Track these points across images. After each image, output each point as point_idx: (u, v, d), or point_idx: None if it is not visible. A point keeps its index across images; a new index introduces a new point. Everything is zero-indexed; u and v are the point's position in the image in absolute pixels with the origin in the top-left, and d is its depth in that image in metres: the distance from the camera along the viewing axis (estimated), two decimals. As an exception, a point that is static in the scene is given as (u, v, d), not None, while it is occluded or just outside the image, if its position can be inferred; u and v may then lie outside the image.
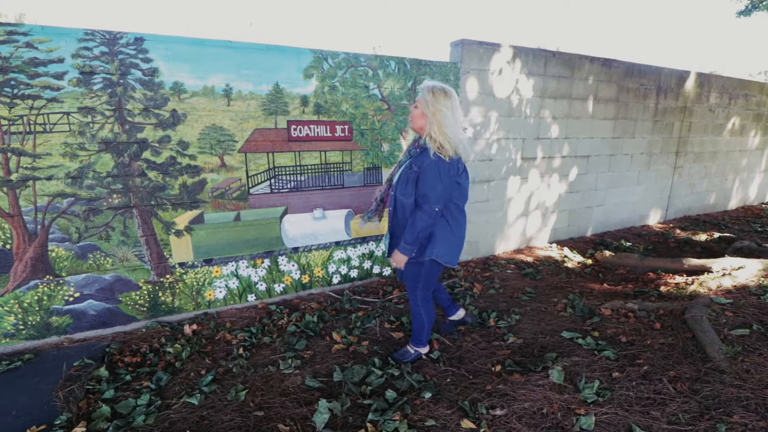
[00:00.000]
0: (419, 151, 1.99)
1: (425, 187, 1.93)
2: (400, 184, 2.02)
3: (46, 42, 2.25)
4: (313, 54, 2.92)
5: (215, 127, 2.71)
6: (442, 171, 1.91)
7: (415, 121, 2.00)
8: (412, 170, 1.96)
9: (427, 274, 2.16)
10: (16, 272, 2.39)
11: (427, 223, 1.97)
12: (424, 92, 1.94)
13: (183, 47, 2.54)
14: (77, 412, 1.93)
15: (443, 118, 1.89)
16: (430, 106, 1.91)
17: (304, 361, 2.37)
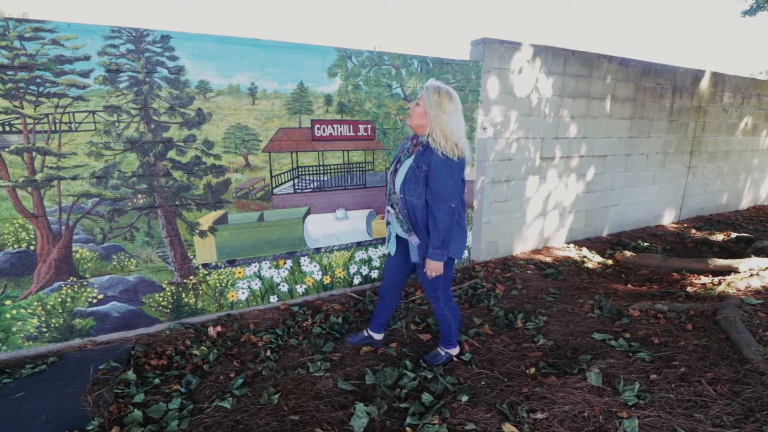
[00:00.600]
0: (422, 149, 1.93)
1: (437, 185, 1.88)
2: (408, 185, 1.94)
3: (72, 39, 2.21)
4: (337, 52, 2.88)
5: (240, 127, 2.67)
6: (453, 168, 1.88)
7: (414, 119, 1.93)
8: (421, 169, 1.90)
9: (446, 274, 2.11)
10: (40, 274, 2.35)
11: (449, 222, 1.92)
12: (429, 92, 1.88)
13: (209, 45, 2.50)
14: (108, 416, 1.89)
15: (449, 120, 1.85)
16: (435, 106, 1.85)
17: (333, 363, 2.33)
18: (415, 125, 1.95)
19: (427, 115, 1.88)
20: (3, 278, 2.28)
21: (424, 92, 1.90)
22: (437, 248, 1.94)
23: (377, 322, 2.48)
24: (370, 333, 2.51)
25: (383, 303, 2.43)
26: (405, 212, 2.00)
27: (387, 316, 2.47)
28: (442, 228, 1.91)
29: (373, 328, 2.50)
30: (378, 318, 2.47)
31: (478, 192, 3.74)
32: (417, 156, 1.94)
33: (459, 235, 2.07)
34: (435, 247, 1.94)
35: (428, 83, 1.92)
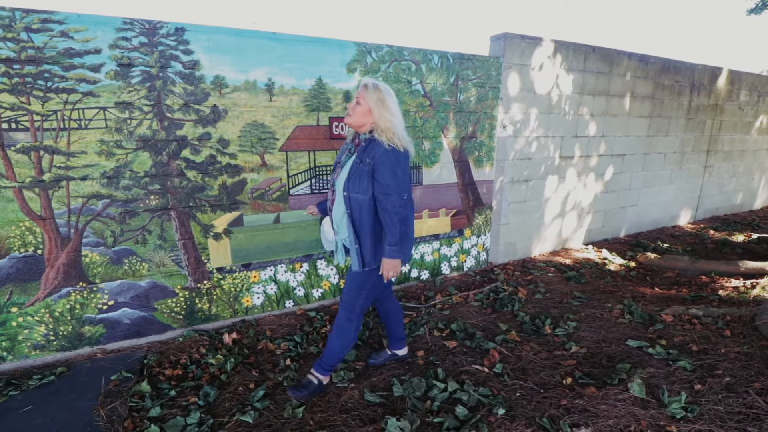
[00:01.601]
0: (364, 145, 1.83)
1: (385, 176, 1.75)
2: (352, 182, 1.80)
3: (82, 31, 2.09)
4: (356, 47, 2.76)
5: (256, 124, 2.55)
6: (399, 158, 1.79)
7: (357, 117, 1.82)
8: (365, 163, 1.78)
9: (376, 282, 1.92)
10: (48, 279, 2.23)
11: (402, 213, 1.80)
12: (370, 89, 1.79)
13: (225, 38, 2.38)
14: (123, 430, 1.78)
15: (392, 117, 1.79)
16: (378, 103, 1.77)
17: (357, 373, 2.21)
18: (358, 124, 1.84)
19: (370, 113, 1.79)
20: (9, 284, 2.16)
21: (363, 90, 1.81)
22: (394, 244, 1.79)
23: (394, 337, 2.29)
24: (393, 351, 2.32)
25: (385, 317, 2.24)
26: (348, 213, 1.84)
27: (400, 327, 2.28)
28: (397, 220, 1.78)
29: (394, 345, 2.31)
30: (393, 333, 2.28)
31: (497, 192, 3.63)
32: (359, 152, 1.83)
33: (409, 235, 1.92)
34: (391, 244, 1.79)
35: (366, 80, 1.84)
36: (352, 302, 1.95)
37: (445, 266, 3.49)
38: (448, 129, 3.24)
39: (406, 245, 1.88)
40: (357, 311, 1.96)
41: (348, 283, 1.97)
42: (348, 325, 1.96)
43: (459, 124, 3.29)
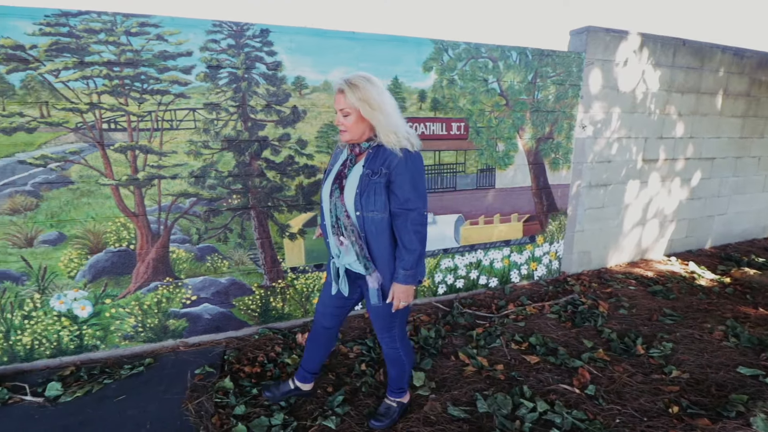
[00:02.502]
0: (372, 153, 1.52)
1: (405, 190, 1.47)
2: (366, 199, 1.48)
3: (175, 34, 2.16)
4: (433, 44, 2.67)
5: (333, 125, 2.54)
6: (417, 165, 1.50)
7: (354, 131, 1.49)
8: (380, 174, 1.47)
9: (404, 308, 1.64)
10: (138, 273, 2.33)
11: (425, 233, 1.53)
12: (347, 91, 1.44)
13: (307, 39, 2.38)
14: (211, 429, 1.80)
15: (387, 115, 1.46)
16: (365, 105, 1.44)
17: (437, 383, 2.12)
18: (358, 136, 1.51)
19: (363, 120, 1.48)
20: (104, 277, 2.27)
21: (340, 96, 1.47)
22: (409, 268, 1.50)
23: (307, 368, 1.94)
24: (297, 384, 1.96)
25: (317, 345, 1.91)
26: (363, 236, 1.53)
27: (321, 361, 1.95)
28: (417, 243, 1.49)
29: (301, 377, 1.96)
30: (308, 364, 1.93)
31: (573, 197, 3.40)
32: (368, 161, 1.51)
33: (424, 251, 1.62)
34: (406, 268, 1.50)
35: (336, 84, 1.49)
36: (390, 331, 1.71)
37: (514, 274, 3.32)
38: (523, 129, 3.07)
39: (421, 265, 1.59)
40: (398, 337, 1.73)
41: (375, 318, 1.70)
42: (396, 354, 1.76)
43: (535, 124, 3.10)
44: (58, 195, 2.12)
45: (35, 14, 1.95)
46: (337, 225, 1.56)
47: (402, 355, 1.77)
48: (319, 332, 1.89)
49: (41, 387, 2.07)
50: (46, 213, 2.12)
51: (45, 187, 2.10)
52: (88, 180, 2.15)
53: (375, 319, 1.71)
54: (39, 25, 1.95)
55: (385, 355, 1.79)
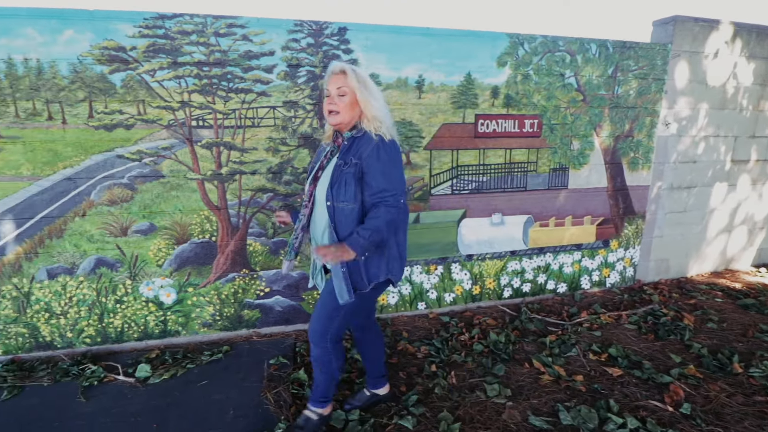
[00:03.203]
0: (347, 144, 1.52)
1: (378, 179, 1.46)
2: (336, 189, 1.48)
3: (260, 34, 2.23)
4: (509, 38, 2.58)
5: (404, 122, 2.52)
6: (390, 152, 1.48)
7: (346, 112, 1.50)
8: (350, 164, 1.47)
9: (358, 306, 1.58)
10: (218, 264, 2.44)
11: (394, 216, 1.47)
12: (349, 73, 1.48)
13: (382, 36, 2.38)
14: (290, 419, 1.84)
15: (377, 100, 1.51)
16: (363, 90, 1.48)
17: (513, 390, 2.04)
18: (348, 120, 1.52)
19: (356, 104, 1.50)
20: (188, 266, 2.40)
21: (341, 76, 1.49)
22: (364, 237, 1.42)
23: (374, 374, 1.90)
24: (372, 391, 1.92)
25: (366, 349, 1.86)
26: (332, 226, 1.51)
27: (381, 362, 1.88)
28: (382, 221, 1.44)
29: (373, 384, 1.91)
30: (373, 370, 1.89)
31: (652, 200, 3.17)
32: (342, 153, 1.52)
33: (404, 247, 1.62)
34: (361, 235, 1.42)
35: (338, 65, 1.51)
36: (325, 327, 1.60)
37: (584, 280, 3.14)
38: (601, 127, 2.90)
39: (397, 263, 1.58)
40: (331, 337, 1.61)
41: (322, 301, 1.62)
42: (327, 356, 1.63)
43: (614, 121, 2.92)
44: (151, 188, 2.26)
45: (135, 17, 2.08)
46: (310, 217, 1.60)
47: (333, 360, 1.64)
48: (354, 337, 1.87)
49: (131, 368, 2.21)
50: (139, 204, 2.26)
51: (139, 181, 2.24)
52: (177, 174, 2.27)
53: (319, 308, 1.62)
54: (138, 28, 2.09)
55: (315, 357, 1.66)
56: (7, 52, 1.99)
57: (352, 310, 1.59)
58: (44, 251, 2.21)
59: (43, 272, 2.23)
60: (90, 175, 2.17)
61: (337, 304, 1.54)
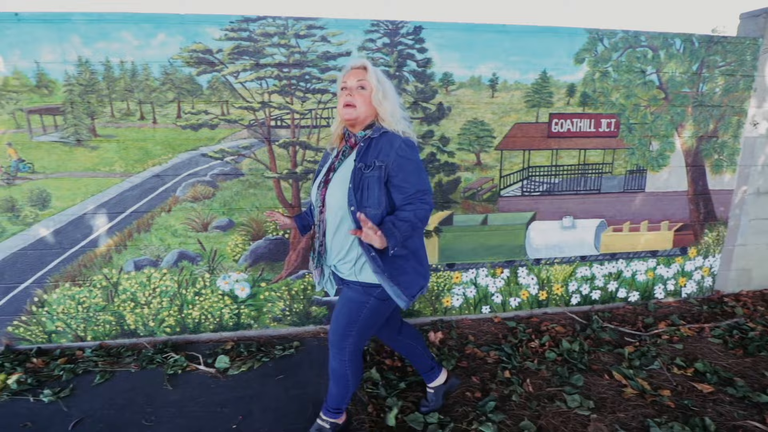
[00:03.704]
0: (363, 145, 1.43)
1: (412, 180, 1.39)
2: (359, 194, 1.39)
3: (337, 35, 2.25)
4: (587, 34, 2.48)
5: (476, 122, 2.47)
6: (416, 152, 1.45)
7: (364, 107, 1.42)
8: (374, 167, 1.38)
9: (370, 317, 1.51)
10: (290, 261, 2.49)
11: (427, 213, 1.42)
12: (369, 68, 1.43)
13: (456, 34, 2.34)
14: (366, 418, 1.85)
15: (394, 98, 1.47)
16: (380, 85, 1.43)
17: (596, 402, 1.96)
18: (364, 116, 1.44)
19: (371, 102, 1.43)
20: (262, 262, 2.46)
21: (361, 71, 1.43)
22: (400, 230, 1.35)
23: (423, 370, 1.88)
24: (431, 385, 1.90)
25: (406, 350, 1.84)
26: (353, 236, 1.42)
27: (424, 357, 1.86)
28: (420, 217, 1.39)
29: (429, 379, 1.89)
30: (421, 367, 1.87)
31: (736, 205, 2.95)
32: (359, 154, 1.43)
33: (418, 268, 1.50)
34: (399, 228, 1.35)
35: (359, 60, 1.47)
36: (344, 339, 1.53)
37: (658, 289, 2.97)
38: (683, 126, 2.73)
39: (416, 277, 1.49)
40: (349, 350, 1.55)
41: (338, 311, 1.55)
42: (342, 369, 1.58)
43: (697, 121, 2.74)
44: (231, 186, 2.34)
45: (222, 21, 2.15)
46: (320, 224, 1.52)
47: (348, 373, 1.59)
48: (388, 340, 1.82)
49: (210, 358, 2.30)
50: (220, 201, 2.34)
51: (221, 178, 2.33)
52: (255, 173, 2.34)
53: (335, 319, 1.56)
54: (224, 31, 2.16)
55: (331, 369, 1.61)
56: (105, 55, 2.12)
57: (368, 324, 1.53)
58: (132, 244, 2.34)
59: (131, 264, 2.36)
60: (176, 173, 2.28)
61: (352, 318, 1.50)
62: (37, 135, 2.16)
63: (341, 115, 1.46)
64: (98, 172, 2.23)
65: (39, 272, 2.31)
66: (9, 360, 2.29)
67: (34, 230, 2.27)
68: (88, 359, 2.30)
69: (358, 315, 1.50)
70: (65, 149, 2.19)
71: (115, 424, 1.84)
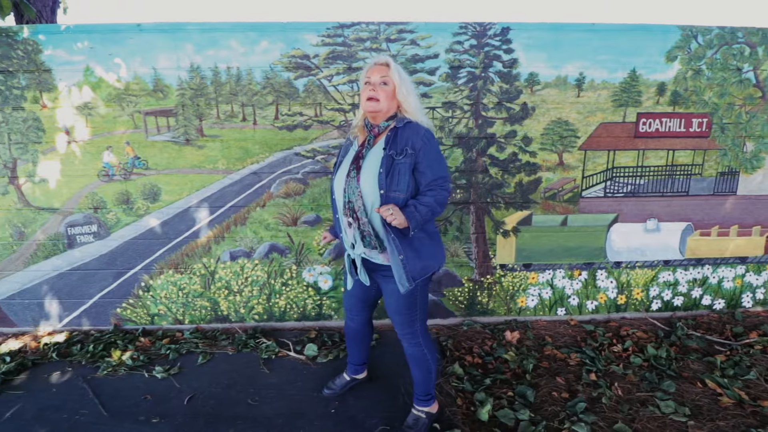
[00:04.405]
0: (391, 134, 1.53)
1: (436, 167, 1.52)
2: (390, 178, 1.48)
3: (426, 38, 2.32)
4: (681, 31, 2.40)
5: (560, 122, 2.46)
6: (437, 141, 1.59)
7: (386, 101, 1.54)
8: (405, 154, 1.49)
9: (423, 299, 1.64)
10: (370, 256, 2.59)
11: (445, 199, 1.54)
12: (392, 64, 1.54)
13: (543, 34, 2.34)
14: (456, 410, 1.91)
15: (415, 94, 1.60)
16: (402, 80, 1.55)
17: (691, 410, 1.91)
18: (386, 109, 1.55)
19: (393, 97, 1.55)
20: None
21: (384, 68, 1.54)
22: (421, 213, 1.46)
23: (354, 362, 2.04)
24: (353, 376, 2.07)
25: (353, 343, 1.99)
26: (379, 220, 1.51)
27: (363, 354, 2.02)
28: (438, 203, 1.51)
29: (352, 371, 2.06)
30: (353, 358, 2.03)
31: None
32: (389, 142, 1.52)
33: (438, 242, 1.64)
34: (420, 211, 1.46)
35: (383, 58, 1.57)
36: (411, 326, 1.65)
37: (746, 297, 2.82)
38: (782, 127, 2.58)
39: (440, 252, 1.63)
40: (420, 333, 1.67)
41: (395, 313, 1.65)
42: (421, 352, 1.69)
43: (799, 121, 2.58)
44: (319, 183, 2.47)
45: (319, 27, 2.27)
46: (348, 207, 1.55)
47: (426, 353, 1.68)
48: (349, 330, 1.95)
49: (298, 345, 2.45)
50: (309, 198, 2.48)
51: (311, 176, 2.46)
52: (343, 171, 2.45)
53: (395, 314, 1.66)
54: (321, 37, 2.28)
55: (408, 354, 1.72)
56: (214, 61, 2.30)
57: (424, 302, 1.64)
58: (229, 236, 2.52)
59: (227, 254, 2.55)
60: (271, 171, 2.43)
61: (411, 306, 1.61)
62: (151, 135, 2.39)
63: (365, 107, 1.57)
64: (203, 169, 2.43)
65: (147, 260, 2.55)
66: (120, 338, 2.55)
67: (145, 221, 2.50)
68: (189, 341, 2.51)
69: (414, 301, 1.61)
70: (175, 148, 2.40)
71: (224, 402, 2.01)
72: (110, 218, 2.49)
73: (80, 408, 1.96)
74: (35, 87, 2.32)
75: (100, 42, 2.26)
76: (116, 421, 1.88)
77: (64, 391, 2.09)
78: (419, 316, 1.65)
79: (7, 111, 2.34)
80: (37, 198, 2.47)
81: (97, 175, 2.43)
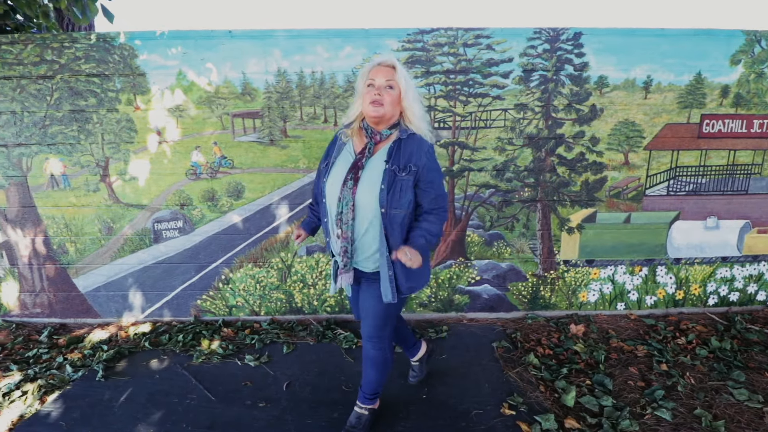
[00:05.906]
0: (393, 145, 1.46)
1: (437, 185, 1.50)
2: (392, 195, 1.42)
3: (501, 43, 2.42)
4: (745, 36, 2.47)
5: (627, 122, 2.55)
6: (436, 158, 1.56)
7: (387, 106, 1.43)
8: (409, 171, 1.42)
9: (401, 307, 1.70)
10: (439, 252, 2.71)
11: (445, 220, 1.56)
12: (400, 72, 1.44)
13: (614, 39, 2.43)
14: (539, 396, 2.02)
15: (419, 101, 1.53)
16: (408, 85, 1.47)
17: (765, 398, 2.01)
18: (390, 115, 1.46)
19: (400, 102, 1.46)
20: (415, 252, 2.70)
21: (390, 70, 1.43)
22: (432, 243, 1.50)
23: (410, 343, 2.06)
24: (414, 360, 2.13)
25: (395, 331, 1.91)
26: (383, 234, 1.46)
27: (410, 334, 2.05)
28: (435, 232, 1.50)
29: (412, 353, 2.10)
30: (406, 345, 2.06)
31: None
32: (391, 156, 1.44)
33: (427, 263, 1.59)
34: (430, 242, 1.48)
35: (389, 59, 1.46)
36: (382, 331, 1.63)
37: (801, 293, 2.91)
38: (843, 127, 2.65)
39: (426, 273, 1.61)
40: (388, 338, 1.68)
41: (371, 317, 1.61)
42: (384, 356, 1.69)
43: None
44: (395, 182, 2.58)
45: (400, 33, 2.38)
46: (338, 218, 1.47)
47: (388, 357, 1.70)
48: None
49: (372, 336, 2.57)
50: (384, 196, 2.60)
51: (387, 175, 2.58)
52: (419, 170, 2.57)
53: (371, 317, 1.61)
54: (402, 42, 2.39)
55: (371, 357, 1.69)
56: (300, 66, 2.42)
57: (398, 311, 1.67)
58: (307, 232, 2.65)
59: (303, 249, 2.68)
60: (350, 170, 2.55)
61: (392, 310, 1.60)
62: (238, 135, 2.52)
63: (368, 113, 1.46)
64: (285, 168, 2.56)
65: (228, 254, 2.69)
66: (203, 328, 2.69)
67: (228, 217, 2.64)
68: (269, 331, 2.65)
69: (392, 310, 1.60)
70: (260, 148, 2.53)
71: (320, 388, 2.14)
72: (195, 214, 2.63)
73: (188, 393, 2.10)
74: (130, 90, 2.46)
75: (193, 47, 2.39)
76: (225, 405, 2.02)
77: (166, 377, 2.24)
78: (390, 324, 1.65)
79: (102, 112, 2.48)
80: (126, 195, 2.61)
81: (185, 173, 2.57)
